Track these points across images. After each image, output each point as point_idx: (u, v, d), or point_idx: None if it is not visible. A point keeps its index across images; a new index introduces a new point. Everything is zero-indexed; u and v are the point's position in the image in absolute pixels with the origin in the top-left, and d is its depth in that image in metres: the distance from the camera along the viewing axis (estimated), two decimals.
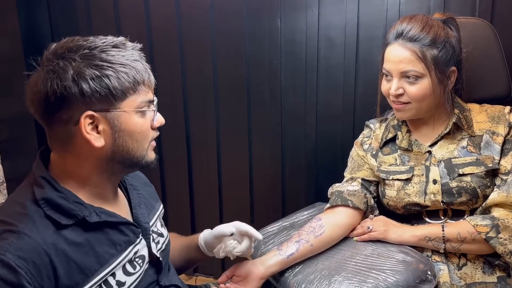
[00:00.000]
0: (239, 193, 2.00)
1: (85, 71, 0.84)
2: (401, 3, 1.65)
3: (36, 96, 0.86)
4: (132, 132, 0.91)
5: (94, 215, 0.90)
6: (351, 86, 1.76)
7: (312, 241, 1.19)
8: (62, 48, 0.87)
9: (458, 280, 1.16)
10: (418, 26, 1.15)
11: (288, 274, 1.18)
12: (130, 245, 0.95)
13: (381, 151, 1.30)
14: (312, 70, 1.78)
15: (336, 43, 1.74)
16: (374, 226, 1.23)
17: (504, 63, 1.34)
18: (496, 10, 1.57)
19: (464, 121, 1.22)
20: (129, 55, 0.89)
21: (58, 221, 0.86)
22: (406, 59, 1.14)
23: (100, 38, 0.90)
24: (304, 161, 1.88)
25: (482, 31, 1.35)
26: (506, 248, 1.11)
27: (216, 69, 1.89)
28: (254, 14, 1.80)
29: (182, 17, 1.88)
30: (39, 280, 0.80)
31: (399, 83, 1.17)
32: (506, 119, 1.20)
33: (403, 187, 1.23)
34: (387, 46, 1.19)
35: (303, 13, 1.74)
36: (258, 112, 1.89)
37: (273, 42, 1.80)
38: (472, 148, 1.20)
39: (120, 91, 0.87)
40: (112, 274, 0.91)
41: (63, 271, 0.84)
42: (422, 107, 1.19)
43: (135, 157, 0.93)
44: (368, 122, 1.40)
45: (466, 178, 1.17)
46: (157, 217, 1.11)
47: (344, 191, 1.28)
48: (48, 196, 0.87)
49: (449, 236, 1.16)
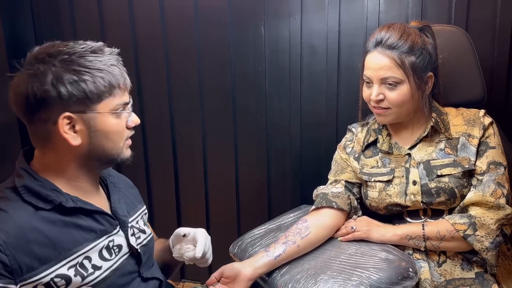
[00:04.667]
0: (226, 198, 2.02)
1: (64, 75, 0.91)
2: (380, 11, 1.71)
3: (18, 97, 0.93)
4: (107, 132, 0.97)
5: (70, 201, 0.97)
6: (333, 92, 1.81)
7: (298, 242, 1.23)
8: (43, 53, 0.93)
9: (438, 277, 1.21)
10: (396, 34, 1.20)
11: (276, 275, 1.21)
12: (105, 234, 1.02)
13: (363, 154, 1.35)
14: (296, 77, 1.83)
15: (318, 51, 1.79)
16: (358, 226, 1.28)
17: (479, 69, 1.40)
18: (471, 18, 1.64)
19: (442, 124, 1.27)
20: (106, 60, 0.95)
21: (36, 204, 0.93)
22: (386, 66, 1.19)
23: (79, 43, 0.96)
24: (289, 165, 1.92)
25: (458, 38, 1.41)
26: (482, 244, 1.16)
27: (201, 76, 1.92)
28: (239, 22, 1.84)
29: (167, 25, 1.91)
30: (13, 251, 0.87)
31: (379, 89, 1.21)
32: (481, 122, 1.25)
33: (385, 188, 1.27)
34: (367, 53, 1.24)
35: (286, 21, 1.79)
36: (244, 118, 1.92)
37: (257, 50, 1.84)
38: (449, 150, 1.25)
39: (96, 95, 0.93)
40: (87, 257, 0.97)
41: (37, 245, 0.90)
42: (401, 112, 1.24)
43: (111, 154, 1.00)
44: (350, 126, 1.44)
45: (444, 179, 1.22)
46: (138, 215, 1.16)
47: (329, 193, 1.32)
48: (26, 183, 0.94)
49: (429, 234, 1.21)
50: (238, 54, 1.87)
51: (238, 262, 1.22)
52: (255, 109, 1.90)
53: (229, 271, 1.18)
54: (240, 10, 1.82)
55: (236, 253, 1.35)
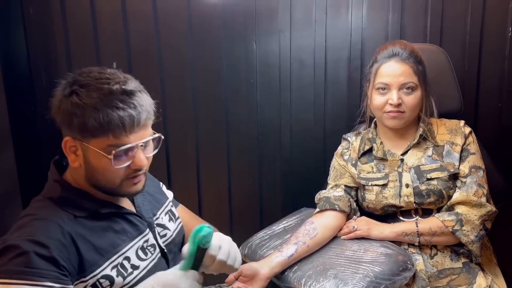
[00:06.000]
0: (219, 205, 2.09)
1: (65, 102, 0.96)
2: (363, 28, 1.87)
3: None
4: (97, 167, 0.99)
5: (104, 207, 1.04)
6: (321, 103, 1.95)
7: (308, 243, 1.36)
8: (73, 76, 0.99)
9: (431, 268, 1.37)
10: (408, 49, 1.38)
11: (288, 272, 1.33)
12: (140, 233, 1.09)
13: (359, 160, 1.50)
14: (286, 89, 1.95)
15: (306, 64, 1.93)
16: (358, 225, 1.42)
17: (456, 83, 1.58)
18: (444, 36, 1.83)
19: (429, 133, 1.44)
20: (111, 100, 0.94)
21: (73, 214, 1.00)
22: (405, 72, 1.36)
23: (104, 74, 0.98)
24: (280, 172, 2.04)
25: (437, 55, 1.59)
26: (468, 238, 1.33)
27: (195, 88, 1.97)
28: (231, 38, 1.92)
29: (161, 38, 1.94)
30: (66, 254, 0.94)
31: (398, 94, 1.37)
32: (462, 131, 1.43)
33: (381, 191, 1.43)
34: (382, 64, 1.39)
35: (276, 37, 1.91)
36: (236, 127, 2.01)
37: (249, 63, 1.94)
38: (436, 156, 1.42)
39: (87, 130, 0.94)
40: (126, 258, 1.04)
41: (83, 249, 0.97)
42: (412, 116, 1.40)
43: (107, 188, 1.03)
44: (346, 135, 1.59)
45: (433, 182, 1.39)
46: (162, 211, 1.22)
47: (331, 197, 1.46)
48: (62, 194, 1.01)
49: (422, 231, 1.37)
50: (230, 67, 1.95)
51: (256, 262, 1.32)
52: (247, 119, 2.00)
53: (248, 270, 1.27)
54: (233, 27, 1.91)
55: (247, 254, 1.46)
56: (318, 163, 1.99)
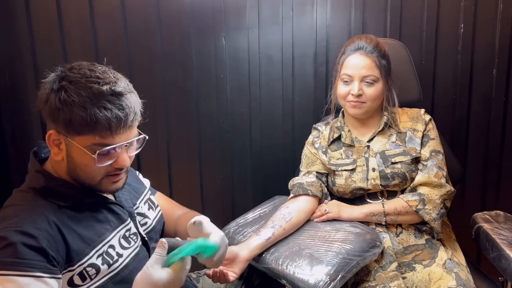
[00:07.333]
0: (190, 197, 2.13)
1: (52, 96, 0.97)
2: (328, 25, 1.96)
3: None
4: (79, 164, 1.01)
5: (87, 197, 1.06)
6: (289, 97, 2.03)
7: (284, 226, 1.43)
8: (64, 69, 1.00)
9: (397, 245, 1.47)
10: (374, 43, 1.48)
11: (266, 254, 1.39)
12: (123, 223, 1.13)
13: (329, 148, 1.59)
14: (255, 84, 2.02)
15: (274, 60, 2.00)
16: (330, 208, 1.51)
17: (415, 75, 1.70)
18: (403, 32, 1.95)
19: (392, 121, 1.55)
20: (100, 100, 0.95)
21: (57, 203, 1.02)
22: (367, 65, 1.45)
23: (96, 72, 0.99)
24: (250, 164, 2.10)
25: (398, 49, 1.70)
26: (430, 216, 1.44)
27: (165, 83, 2.00)
28: (200, 34, 1.96)
29: (130, 38, 1.95)
30: (54, 244, 0.96)
31: (359, 85, 1.46)
32: (423, 118, 1.55)
33: (350, 175, 1.52)
34: (347, 56, 1.48)
35: (245, 34, 1.97)
36: (207, 122, 2.06)
37: (218, 59, 1.99)
38: (399, 142, 1.53)
39: (71, 127, 0.96)
40: (111, 246, 1.07)
41: (69, 238, 0.99)
42: (372, 106, 1.50)
43: (88, 183, 1.04)
44: (316, 125, 1.67)
45: (397, 165, 1.49)
46: (141, 200, 1.26)
47: (304, 183, 1.54)
48: (45, 184, 1.03)
49: (388, 211, 1.47)
50: (200, 62, 1.99)
51: (235, 246, 1.38)
52: (217, 114, 2.05)
53: (228, 253, 1.29)
54: (202, 23, 1.95)
55: None
56: (287, 154, 2.07)
